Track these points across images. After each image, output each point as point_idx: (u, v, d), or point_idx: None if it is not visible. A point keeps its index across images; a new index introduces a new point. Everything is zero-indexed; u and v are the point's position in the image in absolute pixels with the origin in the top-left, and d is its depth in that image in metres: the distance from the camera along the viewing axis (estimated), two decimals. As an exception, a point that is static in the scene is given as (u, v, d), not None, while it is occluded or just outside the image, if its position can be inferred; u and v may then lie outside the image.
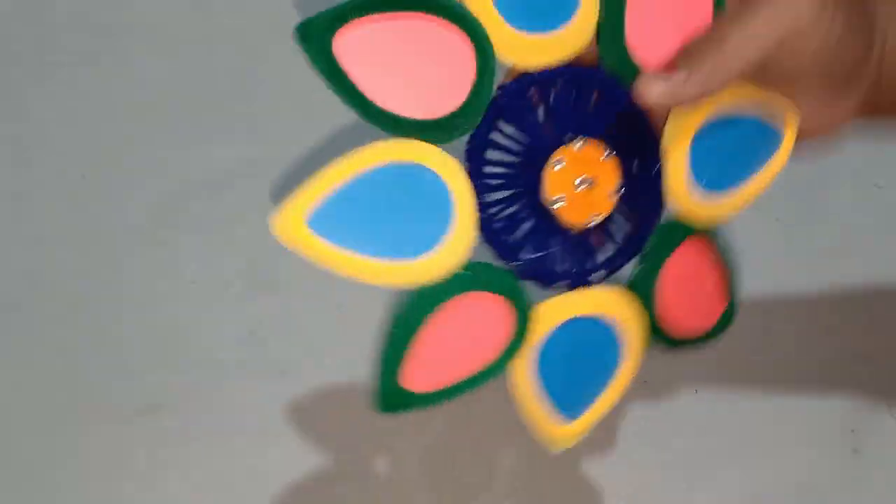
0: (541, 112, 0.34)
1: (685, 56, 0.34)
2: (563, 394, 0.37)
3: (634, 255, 0.37)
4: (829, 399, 0.56)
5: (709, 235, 0.38)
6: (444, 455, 0.57)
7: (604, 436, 0.56)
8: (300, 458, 0.57)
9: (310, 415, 0.58)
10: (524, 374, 0.36)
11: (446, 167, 0.33)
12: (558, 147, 0.34)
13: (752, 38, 0.32)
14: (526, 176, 0.35)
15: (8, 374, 0.58)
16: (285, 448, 0.57)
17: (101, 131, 0.63)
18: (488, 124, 0.33)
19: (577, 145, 0.34)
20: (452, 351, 0.35)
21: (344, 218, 0.32)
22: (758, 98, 0.36)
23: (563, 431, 0.37)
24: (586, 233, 0.36)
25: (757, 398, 0.56)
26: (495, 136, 0.34)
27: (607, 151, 0.35)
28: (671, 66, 0.34)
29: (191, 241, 0.61)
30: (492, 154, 0.34)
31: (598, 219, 0.35)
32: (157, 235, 0.61)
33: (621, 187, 0.35)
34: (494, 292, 0.34)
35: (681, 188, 0.36)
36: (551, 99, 0.34)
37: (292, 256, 0.63)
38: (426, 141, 0.33)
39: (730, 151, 0.37)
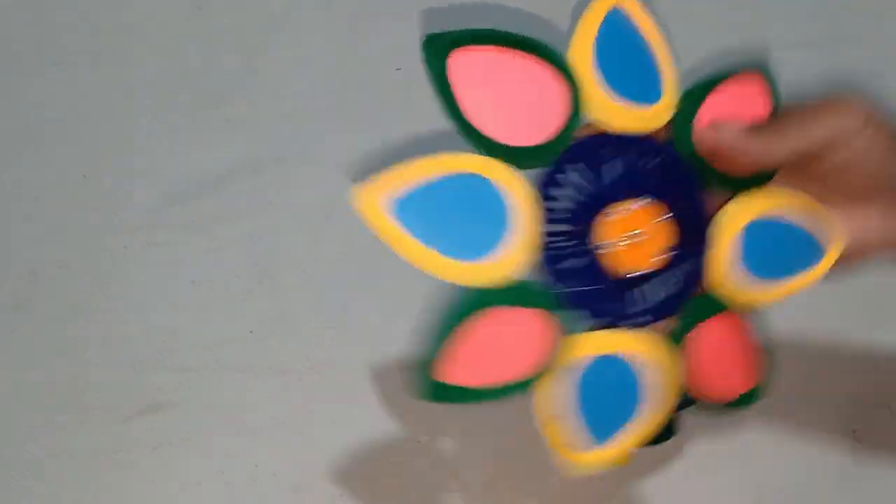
0: (610, 167, 0.38)
1: (756, 126, 0.40)
2: (595, 420, 0.38)
3: (665, 316, 0.40)
4: (830, 399, 0.56)
5: (742, 316, 0.41)
6: (445, 455, 0.57)
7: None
8: (300, 458, 0.57)
9: (309, 415, 0.58)
10: (556, 395, 0.37)
11: (518, 189, 0.36)
12: (617, 201, 0.38)
13: (807, 131, 0.39)
14: (583, 217, 0.38)
15: (8, 374, 0.58)
16: (285, 448, 0.57)
17: (101, 131, 0.63)
18: (560, 166, 0.37)
19: (637, 204, 0.38)
20: (487, 356, 0.36)
21: (420, 209, 0.35)
22: (813, 211, 0.40)
23: (589, 456, 0.38)
24: (626, 282, 0.39)
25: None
26: (562, 178, 0.37)
27: (663, 216, 0.38)
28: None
29: (191, 240, 0.61)
30: (555, 191, 0.38)
31: (636, 273, 0.38)
32: (157, 235, 0.61)
33: (666, 252, 0.38)
34: (538, 310, 0.37)
35: (721, 272, 0.40)
36: (621, 158, 0.38)
37: (293, 256, 0.63)
38: (504, 162, 0.36)
39: (774, 250, 0.40)
